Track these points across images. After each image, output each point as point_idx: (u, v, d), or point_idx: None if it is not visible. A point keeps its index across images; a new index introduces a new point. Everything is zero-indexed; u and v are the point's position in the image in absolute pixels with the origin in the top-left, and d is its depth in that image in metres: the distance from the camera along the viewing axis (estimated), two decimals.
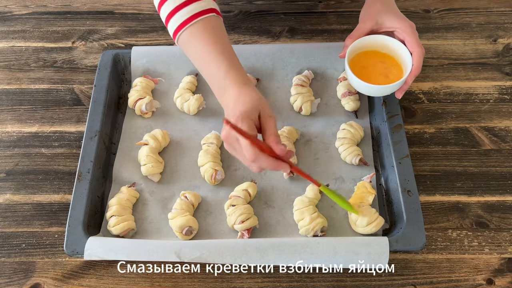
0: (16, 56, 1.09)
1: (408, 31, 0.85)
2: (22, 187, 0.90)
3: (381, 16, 0.88)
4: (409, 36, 0.85)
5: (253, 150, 0.69)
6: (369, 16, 0.88)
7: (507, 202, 0.87)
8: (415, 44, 0.84)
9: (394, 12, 0.89)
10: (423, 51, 0.84)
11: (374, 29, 0.89)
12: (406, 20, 0.87)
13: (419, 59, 0.84)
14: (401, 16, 0.88)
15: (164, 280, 0.79)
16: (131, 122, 0.97)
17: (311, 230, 0.81)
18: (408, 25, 0.86)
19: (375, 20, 0.88)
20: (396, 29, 0.87)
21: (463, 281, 0.79)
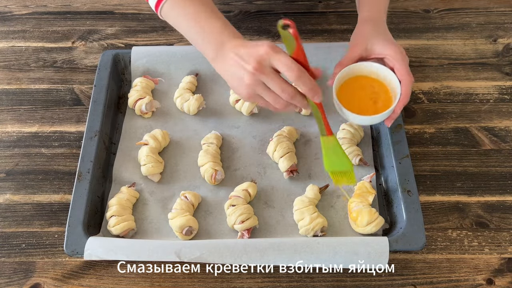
0: (16, 56, 1.09)
1: (397, 58, 0.81)
2: (22, 187, 0.90)
3: (370, 42, 0.83)
4: (398, 63, 0.81)
5: (298, 65, 0.69)
6: (359, 42, 0.85)
7: (507, 202, 0.87)
8: (404, 71, 0.80)
9: (384, 37, 0.84)
10: (411, 79, 0.80)
11: (364, 56, 0.84)
12: (396, 46, 0.82)
13: (408, 88, 0.80)
14: (391, 42, 0.83)
15: (164, 280, 0.80)
16: (131, 122, 0.97)
17: (311, 230, 0.81)
18: (398, 51, 0.81)
19: (364, 46, 0.83)
20: (385, 55, 0.82)
21: (463, 281, 0.79)
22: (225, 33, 0.77)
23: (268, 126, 0.96)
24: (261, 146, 0.93)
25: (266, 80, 0.71)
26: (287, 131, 0.92)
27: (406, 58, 0.82)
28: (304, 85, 0.72)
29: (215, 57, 0.79)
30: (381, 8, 0.88)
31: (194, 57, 1.01)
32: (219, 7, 1.09)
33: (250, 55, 0.71)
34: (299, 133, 0.94)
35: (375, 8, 0.88)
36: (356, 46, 0.84)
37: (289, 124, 0.95)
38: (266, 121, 0.96)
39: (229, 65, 0.75)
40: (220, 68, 0.79)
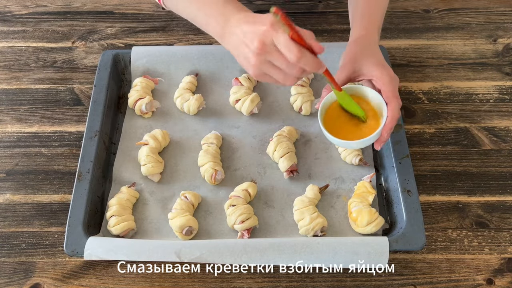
0: (16, 56, 1.09)
1: (384, 81, 0.78)
2: (22, 187, 0.90)
3: (358, 64, 0.80)
4: (385, 86, 0.78)
5: (298, 46, 0.67)
6: (347, 63, 0.82)
7: (507, 202, 0.87)
8: (390, 94, 0.78)
9: (373, 58, 0.81)
10: (399, 102, 0.78)
11: (352, 78, 0.82)
12: (384, 68, 0.79)
13: (394, 111, 0.77)
14: (379, 63, 0.80)
15: (164, 280, 0.79)
16: (131, 122, 0.97)
17: (311, 230, 0.81)
18: (385, 73, 0.79)
19: (352, 68, 0.81)
20: (372, 77, 0.80)
21: (463, 281, 0.79)
22: (228, 8, 0.75)
23: (268, 126, 0.96)
24: (261, 146, 0.93)
25: (272, 59, 0.70)
26: (287, 131, 0.92)
27: (394, 81, 0.79)
28: (306, 64, 0.69)
29: (222, 34, 0.77)
30: (373, 27, 0.86)
31: (194, 57, 1.01)
32: None
33: (253, 34, 0.70)
34: (299, 133, 0.94)
35: (366, 27, 0.86)
36: (344, 68, 0.82)
37: (289, 124, 0.95)
38: (266, 121, 0.96)
39: (235, 43, 0.74)
40: (227, 45, 0.77)
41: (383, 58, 0.82)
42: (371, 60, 0.81)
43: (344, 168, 0.90)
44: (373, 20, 0.87)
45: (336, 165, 0.91)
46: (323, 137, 0.93)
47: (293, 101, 0.97)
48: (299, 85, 0.98)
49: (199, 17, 0.79)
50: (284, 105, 0.99)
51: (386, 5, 0.91)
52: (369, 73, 0.80)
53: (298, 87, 0.98)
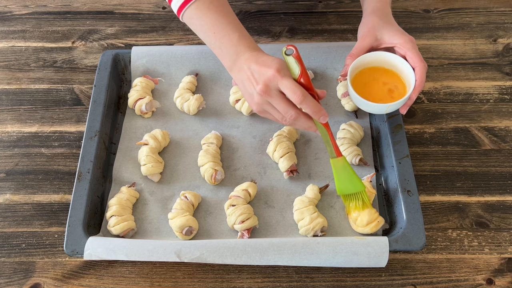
0: (16, 56, 1.09)
1: (408, 46, 0.82)
2: (22, 187, 0.90)
3: (379, 32, 0.84)
4: (410, 51, 0.82)
5: (301, 89, 0.74)
6: (368, 32, 0.85)
7: (507, 202, 0.87)
8: (417, 59, 0.81)
9: (393, 26, 0.85)
10: (425, 66, 0.81)
11: (374, 46, 0.85)
12: (405, 35, 0.83)
13: (422, 74, 0.81)
14: (400, 31, 0.84)
15: (164, 280, 0.80)
16: (131, 122, 0.97)
17: (311, 230, 0.81)
18: (408, 40, 0.83)
19: (374, 37, 0.85)
20: (396, 44, 0.84)
21: (463, 281, 0.79)
22: (241, 44, 0.80)
23: (268, 126, 0.96)
24: (261, 146, 0.93)
25: (272, 102, 0.77)
26: (287, 131, 0.92)
27: (416, 46, 0.83)
28: (308, 107, 0.76)
29: (231, 67, 0.82)
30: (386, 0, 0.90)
31: (194, 57, 1.01)
32: None
33: (260, 75, 0.76)
34: (299, 133, 0.94)
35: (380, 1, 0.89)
36: (366, 37, 0.85)
37: None
38: (266, 121, 0.96)
39: (242, 78, 0.80)
40: (235, 78, 0.82)
41: (400, 27, 0.86)
42: (391, 28, 0.85)
43: None
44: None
45: None
46: None
47: None
48: None
49: (214, 45, 0.84)
50: None
51: None
52: (392, 40, 0.84)
53: None
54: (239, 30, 0.82)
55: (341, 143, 0.91)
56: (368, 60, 0.86)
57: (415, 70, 0.82)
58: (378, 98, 0.84)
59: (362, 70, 0.86)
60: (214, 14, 0.82)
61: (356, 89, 0.83)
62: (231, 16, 0.83)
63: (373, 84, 0.86)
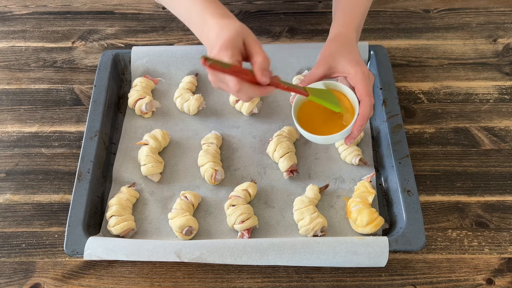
0: (16, 56, 1.09)
1: (358, 78, 0.79)
2: (22, 187, 0.90)
3: (334, 61, 0.81)
4: (359, 83, 0.79)
5: (235, 81, 0.69)
6: (323, 59, 0.82)
7: (507, 202, 0.87)
8: (363, 92, 0.78)
9: (350, 55, 0.82)
10: (371, 101, 0.78)
11: (327, 74, 0.83)
12: (358, 66, 0.80)
13: (366, 109, 0.78)
14: (354, 61, 0.81)
15: (164, 280, 0.80)
16: (131, 122, 0.97)
17: (311, 230, 0.81)
18: (359, 71, 0.79)
19: (328, 65, 0.82)
20: (347, 74, 0.81)
21: (463, 281, 0.79)
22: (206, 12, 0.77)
23: (268, 126, 0.96)
24: (261, 146, 0.93)
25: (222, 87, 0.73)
26: (287, 131, 0.92)
27: (368, 78, 0.80)
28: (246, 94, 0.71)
29: (200, 35, 0.79)
30: (352, 25, 0.86)
31: (194, 57, 1.01)
32: None
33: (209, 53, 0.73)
34: (299, 133, 0.94)
35: (345, 25, 0.86)
36: (320, 64, 0.82)
37: (289, 124, 0.95)
38: (266, 121, 0.96)
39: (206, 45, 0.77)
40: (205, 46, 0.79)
41: (359, 56, 0.83)
42: (347, 57, 0.82)
43: (344, 168, 0.90)
44: (352, 19, 0.87)
45: (336, 165, 0.91)
46: None
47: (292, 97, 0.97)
48: None
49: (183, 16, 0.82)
50: (284, 105, 0.99)
51: (369, 5, 0.91)
52: (344, 70, 0.81)
53: None
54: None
55: (341, 143, 0.91)
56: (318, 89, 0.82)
57: (360, 103, 0.79)
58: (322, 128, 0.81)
59: None
60: None
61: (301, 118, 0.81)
62: None
63: (319, 113, 0.82)
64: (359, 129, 0.78)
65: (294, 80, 0.99)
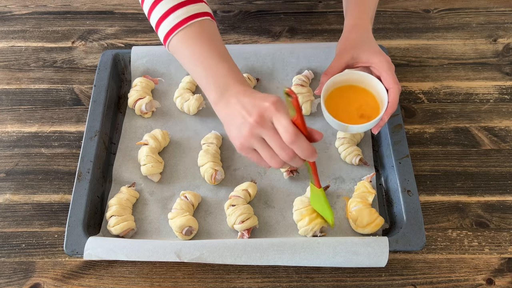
0: (16, 56, 1.09)
1: (383, 67, 0.80)
2: (22, 187, 0.90)
3: (356, 51, 0.82)
4: (385, 72, 0.80)
5: (296, 129, 0.65)
6: (345, 50, 0.83)
7: (507, 202, 0.87)
8: (391, 80, 0.80)
9: (370, 45, 0.83)
10: (399, 88, 0.79)
11: (350, 64, 0.84)
12: (382, 55, 0.82)
13: (395, 96, 0.79)
14: (377, 50, 0.82)
15: (164, 280, 0.80)
16: (131, 122, 0.97)
17: (310, 231, 0.81)
18: (383, 60, 0.81)
19: (350, 55, 0.83)
20: (371, 64, 0.82)
21: (463, 281, 0.79)
22: (230, 77, 0.73)
23: None
24: None
25: (266, 135, 0.68)
26: None
27: (392, 67, 0.81)
28: (299, 148, 0.67)
29: (218, 100, 0.74)
30: (367, 16, 0.87)
31: None
32: (219, 7, 1.09)
33: (253, 106, 0.68)
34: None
35: (360, 16, 0.87)
36: (343, 55, 0.83)
37: None
38: None
39: (230, 111, 0.71)
40: (220, 112, 0.74)
41: (378, 46, 0.84)
42: (368, 47, 0.83)
43: (344, 168, 0.90)
44: (366, 10, 0.88)
45: (336, 165, 0.91)
46: (323, 137, 0.93)
47: None
48: (299, 85, 0.98)
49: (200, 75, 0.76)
50: None
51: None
52: (368, 60, 0.82)
53: (298, 87, 0.98)
54: (229, 62, 0.75)
55: (341, 143, 0.91)
56: (343, 79, 0.84)
57: (388, 92, 0.80)
58: (351, 118, 0.82)
59: (337, 89, 0.85)
60: (203, 42, 0.76)
61: (330, 108, 0.81)
62: (221, 47, 0.77)
63: (346, 103, 0.84)
64: (389, 116, 0.80)
65: (294, 80, 0.99)
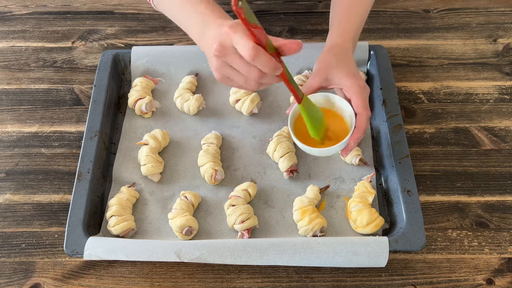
0: (16, 56, 1.09)
1: (354, 90, 0.79)
2: (22, 187, 0.90)
3: (331, 72, 0.81)
4: (355, 95, 0.78)
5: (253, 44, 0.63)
6: (319, 70, 0.82)
7: (507, 202, 0.87)
8: (359, 104, 0.78)
9: (345, 67, 0.81)
10: (367, 113, 0.78)
11: (323, 86, 0.82)
12: (355, 78, 0.80)
13: (363, 122, 0.78)
14: (351, 73, 0.80)
15: (164, 280, 0.80)
16: (131, 122, 0.97)
17: (310, 231, 0.81)
18: (355, 83, 0.79)
19: (324, 76, 0.81)
20: (343, 86, 0.80)
21: (463, 281, 0.79)
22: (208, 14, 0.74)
23: (268, 126, 0.96)
24: (261, 146, 0.93)
25: (230, 61, 0.67)
26: (287, 131, 0.92)
27: (364, 91, 0.80)
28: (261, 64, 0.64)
29: (199, 40, 0.77)
30: (349, 35, 0.86)
31: (194, 57, 1.01)
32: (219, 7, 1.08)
33: (215, 37, 0.68)
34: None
35: (342, 35, 0.85)
36: (317, 75, 0.82)
37: None
38: (266, 121, 0.96)
39: (206, 47, 0.74)
40: (203, 49, 0.77)
41: (355, 68, 0.83)
42: (343, 69, 0.81)
43: (344, 168, 0.90)
44: (349, 28, 0.86)
45: (336, 165, 0.91)
46: None
47: (293, 101, 0.97)
48: (299, 85, 0.98)
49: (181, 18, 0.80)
50: (284, 105, 0.99)
51: (366, 14, 0.90)
52: (340, 82, 0.81)
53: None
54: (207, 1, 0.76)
55: None
56: (315, 100, 0.81)
57: (356, 117, 0.79)
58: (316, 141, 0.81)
59: None
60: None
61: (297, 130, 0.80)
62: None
63: None
64: (355, 142, 0.78)
65: (294, 80, 0.99)
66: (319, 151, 0.79)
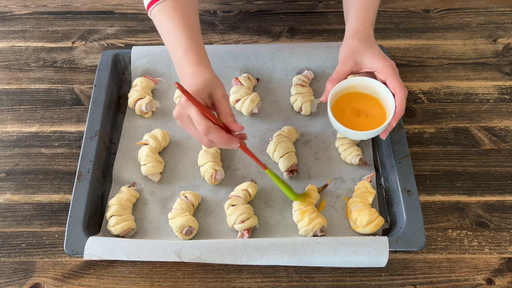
0: (16, 56, 1.09)
1: (388, 72, 0.80)
2: (22, 187, 0.90)
3: (360, 56, 0.82)
4: (390, 77, 0.80)
5: (205, 122, 0.74)
6: (348, 56, 0.83)
7: (507, 202, 0.87)
8: (397, 85, 0.80)
9: (373, 50, 0.83)
10: (405, 92, 0.80)
11: (354, 70, 0.84)
12: (386, 60, 0.82)
13: (402, 101, 0.79)
14: (380, 55, 0.82)
15: (164, 280, 0.80)
16: (131, 122, 0.97)
17: (310, 231, 0.81)
18: (388, 65, 0.81)
19: (354, 61, 0.83)
20: (376, 69, 0.82)
21: (463, 281, 0.79)
22: (186, 58, 0.81)
23: (268, 126, 0.96)
24: (261, 146, 0.93)
25: (185, 127, 0.78)
26: (287, 131, 0.92)
27: (396, 71, 0.81)
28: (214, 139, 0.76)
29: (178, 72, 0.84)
30: (368, 21, 0.87)
31: None
32: (219, 7, 1.09)
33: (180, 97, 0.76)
34: (299, 133, 0.94)
35: (362, 22, 0.86)
36: (346, 61, 0.83)
37: (289, 124, 0.95)
38: (266, 121, 0.96)
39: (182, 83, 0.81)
40: None
41: (381, 51, 0.84)
42: (372, 52, 0.83)
43: (344, 168, 0.90)
44: (367, 15, 0.88)
45: (336, 165, 0.91)
46: (323, 137, 0.93)
47: (293, 101, 0.97)
48: (299, 85, 0.98)
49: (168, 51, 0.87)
50: (284, 105, 0.99)
51: (379, 1, 0.92)
52: (372, 65, 0.82)
53: (298, 87, 0.98)
54: (188, 39, 0.82)
55: (341, 143, 0.91)
56: (349, 85, 0.84)
57: (395, 97, 0.80)
58: (358, 124, 0.82)
59: (343, 96, 0.85)
60: (172, 19, 0.84)
61: (336, 115, 0.82)
62: (187, 22, 0.84)
63: (353, 110, 0.84)
64: (397, 121, 0.81)
65: (294, 80, 0.99)
66: (364, 134, 0.81)
